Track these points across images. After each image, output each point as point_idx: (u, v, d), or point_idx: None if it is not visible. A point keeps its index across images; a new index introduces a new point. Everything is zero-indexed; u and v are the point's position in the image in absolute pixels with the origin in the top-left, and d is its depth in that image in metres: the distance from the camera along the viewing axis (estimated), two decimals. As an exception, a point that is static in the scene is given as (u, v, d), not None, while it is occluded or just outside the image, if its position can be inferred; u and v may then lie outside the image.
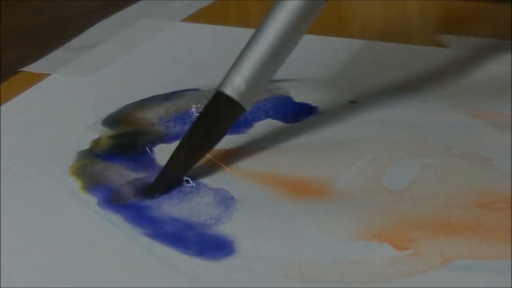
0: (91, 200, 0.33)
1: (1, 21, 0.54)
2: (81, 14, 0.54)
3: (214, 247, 0.31)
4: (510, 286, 0.28)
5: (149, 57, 0.47)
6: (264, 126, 0.39)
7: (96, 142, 0.38)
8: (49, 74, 0.45)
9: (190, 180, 0.34)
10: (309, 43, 0.47)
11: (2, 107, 0.41)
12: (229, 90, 0.35)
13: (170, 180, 0.34)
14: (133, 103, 0.41)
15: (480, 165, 0.35)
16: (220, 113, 0.35)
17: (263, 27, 0.35)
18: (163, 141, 0.38)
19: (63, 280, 0.29)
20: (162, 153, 0.37)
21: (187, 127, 0.39)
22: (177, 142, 0.37)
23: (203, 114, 0.35)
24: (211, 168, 0.35)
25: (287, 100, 0.41)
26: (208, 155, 0.36)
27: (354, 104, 0.41)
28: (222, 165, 0.36)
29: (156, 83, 0.43)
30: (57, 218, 0.33)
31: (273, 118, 0.40)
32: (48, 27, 0.53)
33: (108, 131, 0.39)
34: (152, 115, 0.40)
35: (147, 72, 0.45)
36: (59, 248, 0.31)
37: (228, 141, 0.37)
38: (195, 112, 0.40)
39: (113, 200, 0.33)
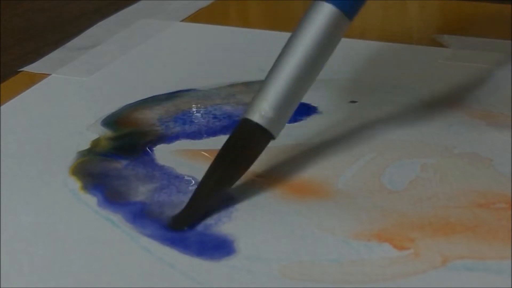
0: (91, 200, 0.33)
1: (1, 21, 0.54)
2: (81, 14, 0.54)
3: (214, 247, 0.30)
4: (510, 286, 0.28)
5: (149, 57, 0.47)
6: (264, 126, 0.39)
7: (96, 143, 0.38)
8: (49, 74, 0.45)
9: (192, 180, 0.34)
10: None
11: (2, 107, 0.41)
12: (256, 117, 0.33)
13: (197, 212, 0.32)
14: (132, 103, 0.41)
15: (480, 165, 0.35)
16: (248, 141, 0.33)
17: (288, 51, 0.33)
18: (163, 141, 0.38)
19: (63, 280, 0.29)
20: (162, 153, 0.37)
21: (187, 127, 0.39)
22: (177, 142, 0.37)
23: (230, 143, 0.33)
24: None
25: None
26: (208, 155, 0.36)
27: (354, 104, 0.41)
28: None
29: (156, 83, 0.43)
30: (57, 218, 0.32)
31: (273, 118, 0.39)
32: (48, 27, 0.53)
33: (107, 132, 0.39)
34: (152, 115, 0.40)
35: (146, 72, 0.45)
36: (59, 248, 0.31)
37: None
38: (195, 112, 0.40)
39: (111, 197, 0.33)
